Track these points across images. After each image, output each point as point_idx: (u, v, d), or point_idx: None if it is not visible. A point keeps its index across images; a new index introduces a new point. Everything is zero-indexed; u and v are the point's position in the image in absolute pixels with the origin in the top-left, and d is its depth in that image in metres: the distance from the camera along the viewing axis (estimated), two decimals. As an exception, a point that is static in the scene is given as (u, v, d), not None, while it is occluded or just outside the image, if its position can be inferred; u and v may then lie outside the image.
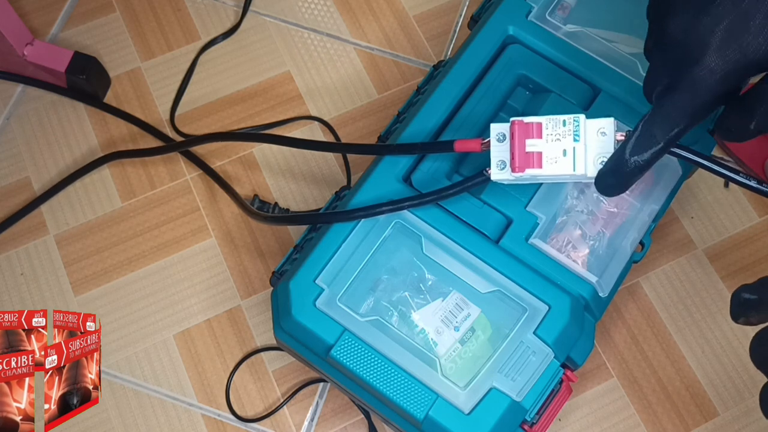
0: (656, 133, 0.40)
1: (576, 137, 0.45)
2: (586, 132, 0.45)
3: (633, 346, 0.73)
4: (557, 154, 0.45)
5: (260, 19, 0.86)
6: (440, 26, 0.85)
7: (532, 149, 0.46)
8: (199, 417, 0.71)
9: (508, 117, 0.49)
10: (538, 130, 0.46)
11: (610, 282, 0.57)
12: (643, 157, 0.40)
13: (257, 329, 0.73)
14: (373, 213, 0.56)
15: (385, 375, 0.52)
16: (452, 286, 0.55)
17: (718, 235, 0.77)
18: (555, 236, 0.57)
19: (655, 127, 0.40)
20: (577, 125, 0.45)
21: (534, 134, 0.46)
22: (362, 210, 0.56)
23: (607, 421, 0.71)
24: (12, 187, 0.78)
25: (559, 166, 0.45)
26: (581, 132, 0.45)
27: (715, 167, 0.43)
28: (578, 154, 0.45)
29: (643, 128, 0.40)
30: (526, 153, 0.46)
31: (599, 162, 0.45)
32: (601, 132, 0.45)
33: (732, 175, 0.43)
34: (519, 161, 0.46)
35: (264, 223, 0.75)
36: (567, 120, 0.45)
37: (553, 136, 0.45)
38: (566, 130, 0.45)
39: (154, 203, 0.78)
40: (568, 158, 0.45)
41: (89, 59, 0.79)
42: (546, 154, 0.45)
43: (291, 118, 0.81)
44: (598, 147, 0.45)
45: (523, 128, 0.46)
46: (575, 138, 0.45)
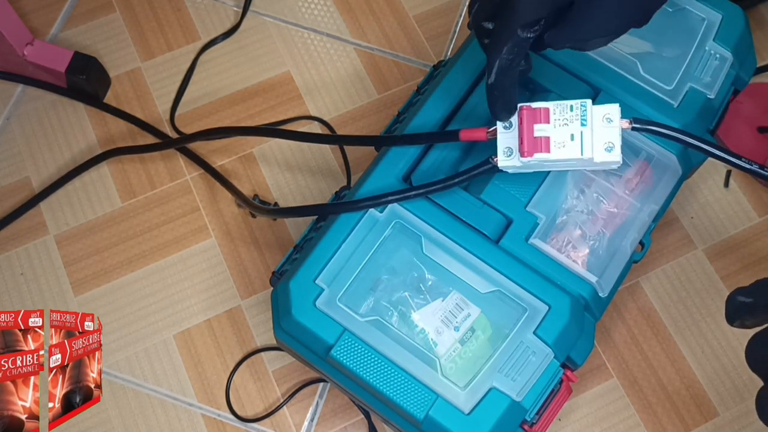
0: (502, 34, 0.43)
1: (584, 122, 0.45)
2: (593, 117, 0.46)
3: (633, 346, 0.73)
4: (565, 139, 0.46)
5: (260, 19, 0.86)
6: (440, 26, 0.85)
7: (540, 134, 0.46)
8: (199, 417, 0.71)
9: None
10: (545, 114, 0.46)
11: (610, 282, 0.57)
12: (505, 55, 0.43)
13: (257, 329, 0.73)
14: (381, 202, 0.56)
15: (385, 375, 0.52)
16: (452, 286, 0.55)
17: (718, 235, 0.77)
18: (555, 236, 0.57)
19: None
20: (585, 110, 0.45)
21: (542, 119, 0.46)
22: (369, 199, 0.56)
23: (607, 421, 0.71)
24: (12, 186, 0.78)
25: (566, 151, 0.46)
26: (588, 117, 0.45)
27: (719, 152, 0.45)
28: (585, 139, 0.45)
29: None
30: (534, 138, 0.46)
31: (606, 148, 0.45)
32: (606, 118, 0.45)
33: (735, 159, 0.44)
34: (528, 146, 0.46)
35: (268, 216, 0.75)
36: (574, 105, 0.46)
37: (561, 121, 0.46)
38: (573, 115, 0.46)
39: (154, 203, 0.78)
40: (576, 142, 0.45)
41: (89, 59, 0.79)
42: (554, 139, 0.46)
43: (291, 118, 0.81)
44: (605, 133, 0.45)
45: (531, 113, 0.46)
46: (582, 122, 0.45)
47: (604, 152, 0.46)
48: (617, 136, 0.46)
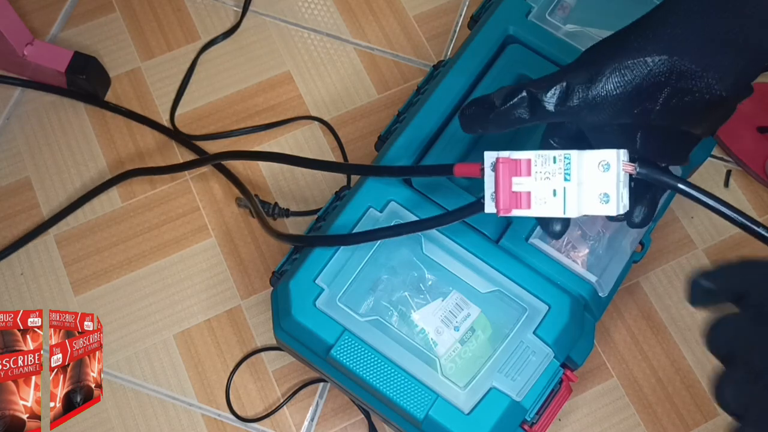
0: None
1: (567, 176, 0.40)
2: (581, 168, 0.40)
3: (633, 346, 0.73)
4: (546, 195, 0.41)
5: (260, 19, 0.86)
6: (440, 26, 0.85)
7: (519, 188, 0.41)
8: (199, 417, 0.71)
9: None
10: (526, 167, 0.41)
11: (610, 282, 0.57)
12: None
13: (257, 329, 0.73)
14: (371, 238, 0.55)
15: (385, 375, 0.52)
16: (452, 286, 0.55)
17: (718, 235, 0.77)
18: (555, 236, 0.57)
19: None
20: (568, 163, 0.40)
21: (521, 172, 0.41)
22: (362, 235, 0.55)
23: (607, 421, 0.71)
24: (12, 187, 0.78)
25: (548, 208, 0.41)
26: (573, 170, 0.40)
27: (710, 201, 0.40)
28: (570, 195, 0.40)
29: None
30: (512, 192, 0.41)
31: (602, 200, 0.40)
32: (603, 165, 0.40)
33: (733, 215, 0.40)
34: (504, 202, 0.41)
35: (280, 242, 0.72)
36: (557, 156, 0.40)
37: (542, 174, 0.41)
38: (556, 168, 0.40)
39: (154, 203, 0.78)
40: (558, 199, 0.40)
41: (89, 59, 0.79)
42: (535, 194, 0.41)
43: (291, 118, 0.81)
44: (599, 182, 0.40)
45: (509, 165, 0.41)
46: (566, 177, 0.40)
47: (599, 204, 0.40)
48: (613, 186, 0.40)
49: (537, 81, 0.41)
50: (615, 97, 0.39)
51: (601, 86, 0.39)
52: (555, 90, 0.39)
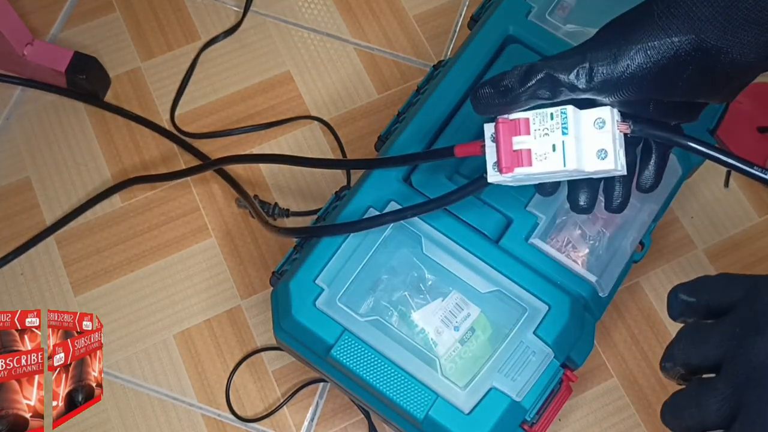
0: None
1: (564, 130, 0.42)
2: (579, 124, 0.42)
3: (633, 346, 0.73)
4: (546, 150, 0.42)
5: (260, 19, 0.86)
6: (440, 26, 0.85)
7: (520, 147, 0.43)
8: (199, 417, 0.71)
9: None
10: (525, 126, 0.43)
11: (610, 282, 0.57)
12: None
13: (257, 329, 0.73)
14: (378, 223, 0.55)
15: (385, 375, 0.52)
16: (452, 286, 0.55)
17: (718, 235, 0.77)
18: (555, 236, 0.57)
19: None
20: (565, 117, 0.42)
21: (521, 131, 0.43)
22: (367, 221, 0.56)
23: (607, 421, 0.71)
24: (12, 187, 0.78)
25: (549, 163, 0.42)
26: (570, 124, 0.42)
27: (720, 156, 0.42)
28: (568, 148, 0.41)
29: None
30: (513, 151, 0.43)
31: (599, 155, 0.42)
32: (598, 123, 0.42)
33: (735, 162, 0.42)
34: (506, 161, 0.42)
35: (279, 236, 0.73)
36: (554, 113, 0.42)
37: (541, 131, 0.42)
38: (554, 124, 0.42)
39: (154, 203, 0.78)
40: (558, 153, 0.42)
41: (89, 59, 0.79)
42: (535, 151, 0.42)
43: (291, 117, 0.81)
44: (595, 139, 0.42)
45: (508, 126, 0.43)
46: (563, 131, 0.42)
47: (597, 160, 0.42)
48: (609, 141, 0.41)
49: (555, 60, 0.40)
50: (639, 78, 0.39)
51: (626, 66, 0.38)
52: (577, 70, 0.39)
